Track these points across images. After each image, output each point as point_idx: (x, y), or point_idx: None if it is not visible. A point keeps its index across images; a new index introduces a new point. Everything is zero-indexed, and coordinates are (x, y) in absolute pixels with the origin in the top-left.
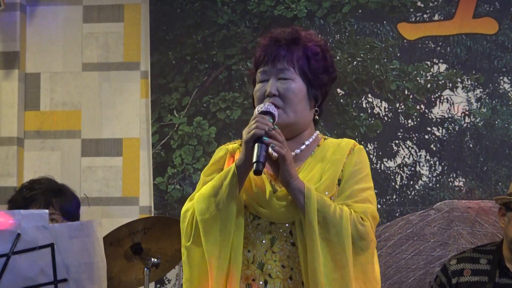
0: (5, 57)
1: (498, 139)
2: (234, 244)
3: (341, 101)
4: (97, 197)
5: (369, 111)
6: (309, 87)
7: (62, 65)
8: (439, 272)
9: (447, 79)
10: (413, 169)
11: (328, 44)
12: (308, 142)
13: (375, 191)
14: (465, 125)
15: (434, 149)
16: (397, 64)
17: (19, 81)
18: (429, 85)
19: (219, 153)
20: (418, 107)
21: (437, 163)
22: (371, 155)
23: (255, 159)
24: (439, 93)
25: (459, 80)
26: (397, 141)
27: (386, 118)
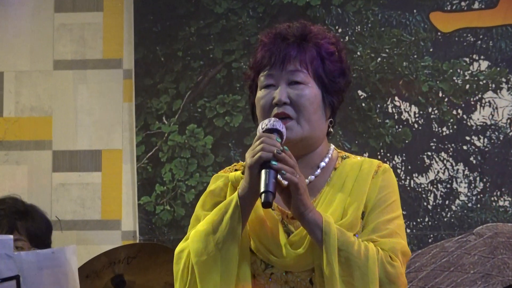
0: None
1: None
2: None
3: (363, 105)
4: (71, 220)
5: (396, 117)
6: (324, 93)
7: (29, 62)
8: None
9: (489, 79)
10: (449, 186)
11: (341, 42)
12: (323, 163)
13: (403, 212)
14: (511, 133)
15: (474, 162)
16: (429, 61)
17: None
18: (467, 86)
19: (216, 182)
20: (454, 112)
21: (477, 179)
22: (398, 170)
23: (263, 188)
24: (479, 96)
25: (503, 80)
26: (429, 153)
27: (416, 126)
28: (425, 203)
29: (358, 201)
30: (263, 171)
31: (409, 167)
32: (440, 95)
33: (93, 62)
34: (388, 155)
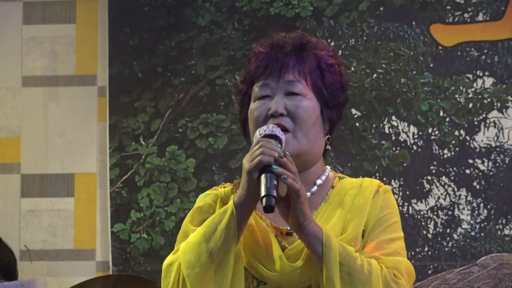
0: None
1: None
2: None
3: (357, 124)
4: (41, 250)
5: (393, 138)
6: (323, 107)
7: None
8: None
9: (494, 97)
10: (450, 213)
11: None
12: (320, 181)
13: None
14: None
15: (478, 187)
16: (429, 78)
17: None
18: (471, 104)
19: (205, 199)
20: (456, 133)
21: (481, 205)
22: (395, 195)
23: (264, 192)
24: (484, 115)
25: (510, 98)
26: (429, 177)
27: (415, 147)
28: (424, 232)
29: (359, 217)
30: (263, 176)
31: (407, 192)
32: (441, 114)
33: (65, 79)
34: (385, 179)
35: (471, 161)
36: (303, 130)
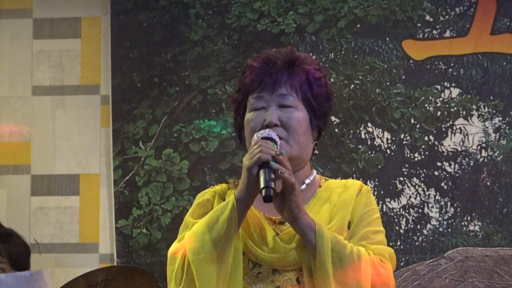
0: None
1: None
2: None
3: (336, 130)
4: (49, 243)
5: (368, 142)
6: (312, 117)
7: (8, 88)
8: None
9: (460, 106)
10: (420, 211)
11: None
12: (308, 180)
13: None
14: (481, 159)
15: (445, 187)
16: (401, 88)
17: None
18: (439, 113)
19: (204, 196)
20: (426, 138)
21: (448, 204)
22: None
23: (263, 184)
24: (451, 122)
25: (474, 107)
26: (401, 178)
27: (388, 151)
28: (397, 227)
29: (344, 210)
30: (262, 171)
31: (382, 192)
32: (412, 121)
33: (71, 88)
34: (361, 180)
35: (439, 164)
36: (295, 138)
